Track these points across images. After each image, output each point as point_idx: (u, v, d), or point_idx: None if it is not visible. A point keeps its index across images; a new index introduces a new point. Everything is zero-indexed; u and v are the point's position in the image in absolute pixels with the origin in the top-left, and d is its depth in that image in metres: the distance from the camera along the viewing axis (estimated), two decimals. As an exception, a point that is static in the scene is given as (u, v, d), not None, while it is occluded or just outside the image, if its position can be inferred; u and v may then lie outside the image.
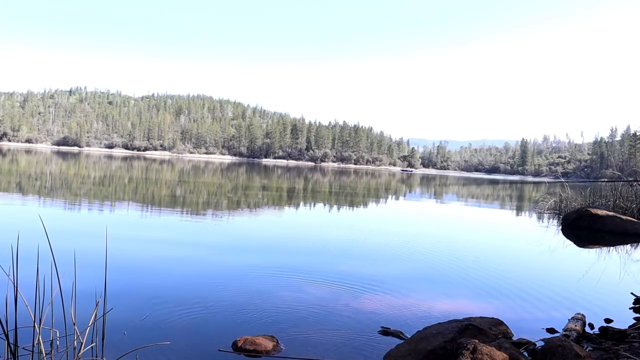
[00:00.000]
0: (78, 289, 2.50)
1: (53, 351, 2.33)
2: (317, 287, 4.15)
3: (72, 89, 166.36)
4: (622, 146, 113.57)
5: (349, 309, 3.56)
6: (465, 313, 3.51)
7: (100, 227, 6.52)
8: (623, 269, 5.99)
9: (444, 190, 28.80)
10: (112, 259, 4.26)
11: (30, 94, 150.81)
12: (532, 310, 3.87)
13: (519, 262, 6.16)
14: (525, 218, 13.39)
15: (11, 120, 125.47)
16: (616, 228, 9.67)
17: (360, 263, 5.42)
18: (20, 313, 2.22)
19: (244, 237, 6.86)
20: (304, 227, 8.54)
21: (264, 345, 2.71)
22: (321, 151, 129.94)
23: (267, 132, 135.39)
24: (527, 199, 23.31)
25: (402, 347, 2.64)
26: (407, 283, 4.52)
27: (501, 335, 2.93)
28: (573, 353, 2.28)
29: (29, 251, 2.53)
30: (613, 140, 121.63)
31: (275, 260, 5.25)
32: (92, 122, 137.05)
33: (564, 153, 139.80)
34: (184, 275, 4.33)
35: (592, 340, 3.10)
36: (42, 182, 14.79)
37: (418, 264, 5.54)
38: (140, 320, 3.03)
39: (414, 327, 3.04)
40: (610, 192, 12.68)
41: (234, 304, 3.50)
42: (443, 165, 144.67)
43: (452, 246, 7.08)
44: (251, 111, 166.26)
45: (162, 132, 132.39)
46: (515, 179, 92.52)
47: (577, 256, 7.32)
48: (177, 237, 6.48)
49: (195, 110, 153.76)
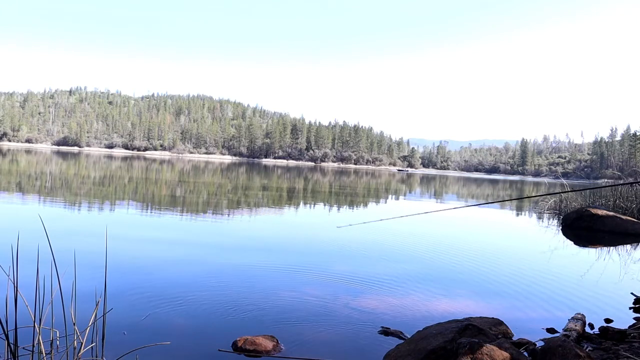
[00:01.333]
0: (78, 289, 2.50)
1: (53, 351, 2.33)
2: (317, 287, 4.15)
3: (72, 89, 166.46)
4: (622, 146, 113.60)
5: (349, 309, 3.56)
6: (465, 313, 3.51)
7: (100, 227, 6.52)
8: (623, 269, 5.99)
9: (444, 190, 28.80)
10: (112, 259, 4.26)
11: (30, 94, 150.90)
12: (532, 310, 3.87)
13: (519, 262, 6.15)
14: (525, 218, 13.39)
15: (11, 120, 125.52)
16: (616, 228, 9.67)
17: (360, 263, 5.42)
18: (20, 313, 2.22)
19: (244, 237, 6.85)
20: (303, 227, 8.54)
21: (264, 345, 2.71)
22: (321, 151, 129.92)
23: (267, 132, 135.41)
24: (527, 199, 23.29)
25: (402, 347, 2.64)
26: (407, 283, 4.52)
27: (501, 335, 2.93)
28: (573, 353, 2.28)
29: (29, 251, 2.53)
30: (613, 140, 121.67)
31: (275, 260, 5.25)
32: (92, 122, 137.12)
33: (564, 153, 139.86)
34: (184, 275, 4.33)
35: (592, 340, 3.10)
36: (42, 182, 14.79)
37: (418, 264, 5.54)
38: (140, 320, 3.03)
39: (414, 327, 3.03)
40: (610, 192, 12.69)
41: (234, 304, 3.50)
42: (443, 165, 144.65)
43: (452, 246, 7.08)
44: (251, 111, 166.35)
45: (162, 132, 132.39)
46: (515, 179, 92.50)
47: (577, 256, 7.31)
48: (177, 237, 6.48)
49: (195, 110, 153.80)
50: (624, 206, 11.57)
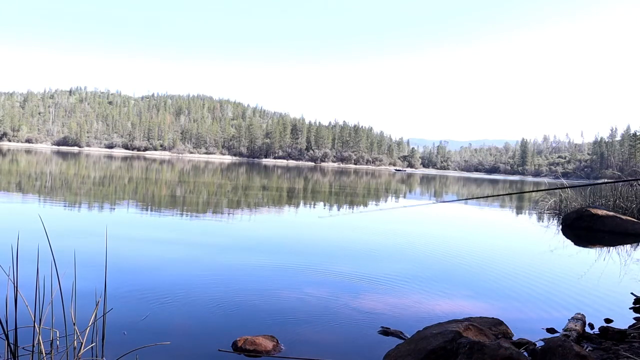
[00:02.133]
0: (78, 289, 2.50)
1: (53, 351, 2.33)
2: (317, 287, 4.15)
3: (72, 89, 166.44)
4: (622, 146, 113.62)
5: (349, 309, 3.56)
6: (465, 313, 3.51)
7: (100, 227, 6.52)
8: (623, 269, 5.99)
9: (444, 190, 28.79)
10: (112, 258, 4.26)
11: (30, 94, 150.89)
12: (532, 310, 3.87)
13: (519, 262, 6.15)
14: (525, 218, 13.39)
15: (11, 120, 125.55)
16: (616, 228, 9.67)
17: (360, 263, 5.41)
18: (20, 313, 2.22)
19: (244, 237, 6.85)
20: (303, 227, 8.54)
21: (264, 345, 2.70)
22: (321, 151, 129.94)
23: (267, 132, 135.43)
24: (527, 199, 23.29)
25: (402, 347, 2.64)
26: (407, 283, 4.52)
27: (501, 335, 2.93)
28: (573, 353, 2.28)
29: (29, 251, 2.53)
30: (613, 140, 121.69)
31: (275, 260, 5.25)
32: (92, 122, 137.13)
33: (564, 153, 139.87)
34: (184, 275, 4.33)
35: (592, 340, 3.10)
36: (42, 182, 14.79)
37: (418, 264, 5.53)
38: (140, 320, 3.03)
39: (414, 327, 3.03)
40: (610, 192, 12.69)
41: (234, 304, 3.50)
42: (443, 165, 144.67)
43: (452, 246, 7.08)
44: (251, 111, 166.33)
45: (162, 132, 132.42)
46: (515, 179, 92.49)
47: (577, 256, 7.31)
48: (177, 237, 6.48)
49: (195, 110, 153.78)
50: (624, 206, 11.58)
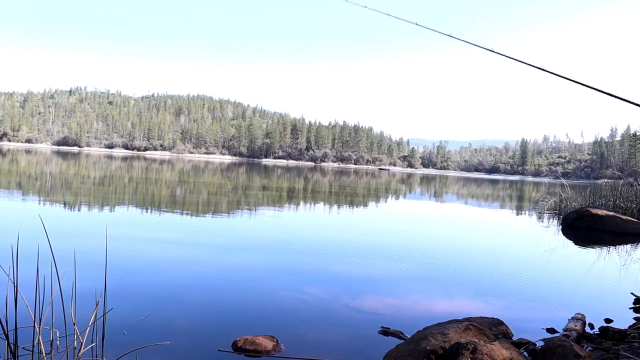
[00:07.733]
0: (78, 289, 2.50)
1: (53, 351, 2.33)
2: (317, 287, 4.15)
3: (72, 89, 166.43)
4: (622, 146, 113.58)
5: (348, 309, 3.56)
6: (465, 313, 3.51)
7: (100, 227, 6.52)
8: (623, 269, 5.99)
9: (444, 190, 28.79)
10: (112, 258, 4.26)
11: (30, 94, 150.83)
12: (532, 310, 3.87)
13: (519, 262, 6.15)
14: (525, 218, 13.39)
15: (11, 120, 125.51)
16: (616, 228, 9.67)
17: (360, 263, 5.41)
18: (20, 313, 2.22)
19: (244, 237, 6.85)
20: (303, 227, 8.54)
21: (264, 345, 2.71)
22: (321, 151, 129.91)
23: (267, 132, 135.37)
24: (527, 199, 23.30)
25: (402, 347, 2.63)
26: (407, 283, 4.52)
27: (501, 335, 2.93)
28: (573, 353, 2.28)
29: (29, 251, 2.53)
30: (613, 140, 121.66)
31: (275, 260, 5.25)
32: (92, 122, 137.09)
33: (564, 153, 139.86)
34: (184, 275, 4.33)
35: (592, 340, 3.10)
36: (42, 182, 14.79)
37: (418, 264, 5.53)
38: (140, 320, 3.03)
39: (414, 327, 3.03)
40: (610, 192, 12.69)
41: (234, 304, 3.50)
42: (443, 165, 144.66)
43: (452, 246, 7.08)
44: (251, 111, 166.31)
45: (162, 132, 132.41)
46: (515, 179, 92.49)
47: (577, 256, 7.31)
48: (177, 237, 6.48)
49: (195, 110, 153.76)
50: (624, 206, 11.58)
